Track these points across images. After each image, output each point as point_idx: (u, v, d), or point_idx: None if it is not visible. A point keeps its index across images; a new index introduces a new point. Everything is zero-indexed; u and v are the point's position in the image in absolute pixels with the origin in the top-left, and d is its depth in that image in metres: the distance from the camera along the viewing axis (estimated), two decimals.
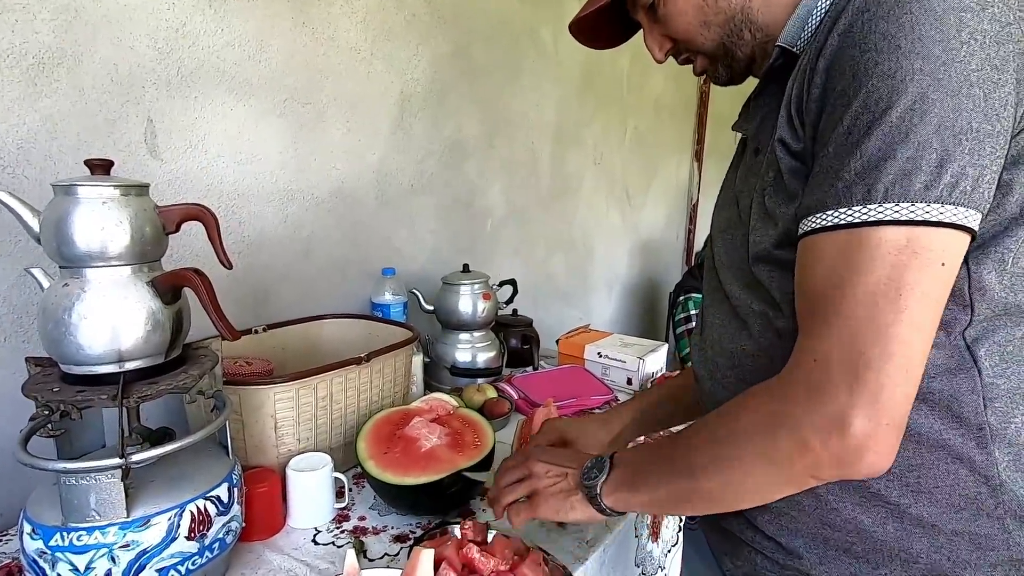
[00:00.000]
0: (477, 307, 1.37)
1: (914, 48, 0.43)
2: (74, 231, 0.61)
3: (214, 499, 0.69)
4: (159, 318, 0.65)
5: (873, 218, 0.44)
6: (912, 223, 0.43)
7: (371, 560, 0.79)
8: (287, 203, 1.22)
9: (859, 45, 0.45)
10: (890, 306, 0.43)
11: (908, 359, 0.43)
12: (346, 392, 0.98)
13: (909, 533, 0.52)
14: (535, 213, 1.97)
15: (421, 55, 1.45)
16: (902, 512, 0.52)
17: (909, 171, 0.43)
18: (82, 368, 0.63)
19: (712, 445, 0.53)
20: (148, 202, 0.67)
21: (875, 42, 0.44)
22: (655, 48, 0.65)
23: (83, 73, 0.90)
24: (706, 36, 0.60)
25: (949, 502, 0.51)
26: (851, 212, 0.45)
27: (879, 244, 0.43)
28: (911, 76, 0.43)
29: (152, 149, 1.00)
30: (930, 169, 0.43)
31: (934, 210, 0.43)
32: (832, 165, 0.46)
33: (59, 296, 0.62)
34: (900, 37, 0.43)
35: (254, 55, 1.12)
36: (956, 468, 0.51)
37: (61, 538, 0.61)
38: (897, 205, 0.43)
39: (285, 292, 1.25)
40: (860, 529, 0.54)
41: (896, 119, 0.43)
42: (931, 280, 0.43)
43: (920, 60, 0.43)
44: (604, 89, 2.19)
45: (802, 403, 0.46)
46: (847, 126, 0.45)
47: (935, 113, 0.42)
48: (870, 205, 0.44)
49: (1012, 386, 0.50)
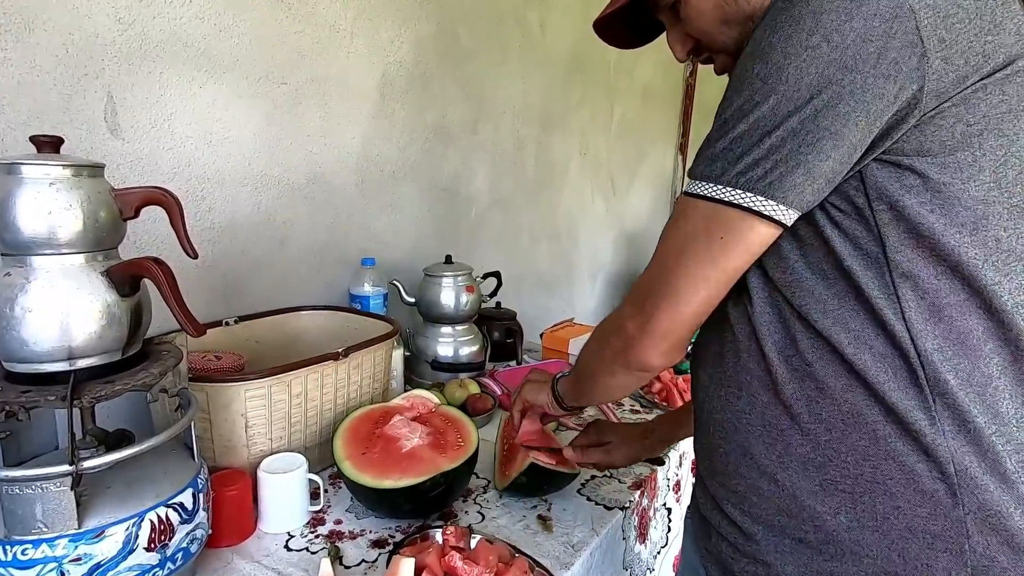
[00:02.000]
0: (460, 300, 1.33)
1: (757, 51, 0.50)
2: (17, 215, 0.56)
3: (177, 506, 0.64)
4: (115, 311, 0.60)
5: (688, 189, 0.55)
6: (716, 200, 0.52)
7: (347, 567, 0.75)
8: (261, 188, 1.16)
9: (753, 39, 0.51)
10: (677, 255, 0.55)
11: (676, 292, 0.55)
12: (322, 388, 0.94)
13: (861, 524, 0.52)
14: (520, 201, 1.92)
15: (404, 36, 1.39)
16: (855, 502, 0.52)
17: (718, 156, 0.52)
18: (28, 366, 0.58)
19: (586, 353, 0.71)
20: (103, 184, 0.62)
21: (756, 33, 0.50)
22: (677, 47, 0.66)
23: (34, 42, 0.83)
24: (726, 35, 0.60)
25: (904, 496, 0.50)
26: (687, 184, 0.56)
27: (693, 212, 0.54)
28: (751, 81, 0.50)
29: (113, 128, 0.93)
30: (732, 158, 0.50)
31: (722, 191, 0.51)
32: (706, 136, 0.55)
33: (1, 287, 0.56)
34: (772, 34, 0.49)
35: (226, 29, 1.05)
36: (911, 461, 0.50)
37: (4, 552, 0.55)
38: (713, 185, 0.52)
39: (259, 282, 1.19)
40: (814, 518, 0.54)
41: (730, 114, 0.51)
42: (711, 246, 0.53)
43: (759, 64, 0.49)
44: (592, 74, 2.14)
45: (627, 316, 0.60)
46: (720, 105, 0.53)
47: (754, 114, 0.50)
48: (694, 180, 0.54)
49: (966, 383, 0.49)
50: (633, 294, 0.60)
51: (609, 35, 0.72)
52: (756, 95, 0.49)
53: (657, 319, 0.56)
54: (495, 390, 1.26)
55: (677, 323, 0.56)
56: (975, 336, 0.50)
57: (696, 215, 0.53)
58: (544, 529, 0.85)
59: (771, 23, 0.49)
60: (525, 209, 1.96)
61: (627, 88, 2.38)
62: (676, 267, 0.55)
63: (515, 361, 1.48)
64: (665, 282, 0.55)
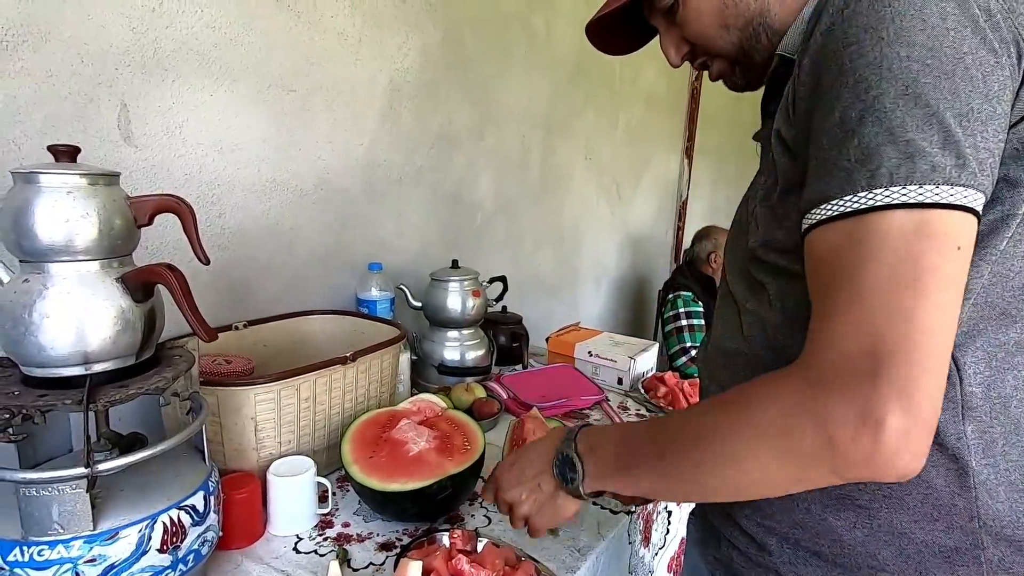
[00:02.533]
0: (466, 304, 1.34)
1: (898, 37, 0.42)
2: (35, 223, 0.57)
3: (188, 509, 0.65)
4: (129, 317, 0.61)
5: (880, 202, 0.42)
6: (922, 206, 0.41)
7: (355, 570, 0.76)
8: (270, 194, 1.17)
9: (842, 39, 0.45)
10: (908, 291, 0.40)
11: (936, 347, 0.41)
12: (330, 392, 0.95)
13: (877, 539, 0.51)
14: (524, 206, 1.93)
15: (411, 43, 1.41)
16: (872, 517, 0.51)
17: (912, 154, 0.41)
18: (45, 371, 0.59)
19: (718, 438, 0.48)
20: (118, 192, 0.63)
21: (856, 35, 0.44)
22: (671, 51, 0.64)
23: (51, 52, 0.85)
24: (725, 39, 0.59)
25: (921, 511, 0.50)
26: (856, 199, 0.43)
27: (889, 229, 0.41)
28: (898, 63, 0.42)
29: (126, 136, 0.95)
30: (934, 151, 0.41)
31: (944, 192, 0.41)
32: (828, 156, 0.45)
33: (19, 293, 0.57)
34: (882, 29, 0.43)
35: (236, 38, 1.06)
36: (931, 477, 0.49)
37: (21, 553, 0.56)
38: (904, 188, 0.41)
39: (267, 287, 1.20)
40: (829, 532, 0.53)
41: (890, 105, 0.42)
42: (950, 264, 0.41)
43: (906, 48, 0.42)
44: (596, 80, 2.15)
45: (829, 394, 0.42)
46: (839, 117, 0.44)
47: (930, 95, 0.41)
48: (875, 190, 0.42)
49: (994, 395, 0.48)
50: (842, 360, 0.42)
51: (601, 40, 0.71)
52: (920, 77, 0.41)
53: (921, 390, 0.40)
54: (501, 394, 1.27)
55: (942, 389, 0.41)
56: (1008, 347, 0.48)
57: (903, 231, 0.41)
58: (550, 533, 0.85)
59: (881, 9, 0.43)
60: (530, 214, 1.97)
61: (632, 93, 2.39)
62: (915, 304, 0.40)
63: (521, 365, 1.49)
64: (908, 327, 0.40)
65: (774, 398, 0.46)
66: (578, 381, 1.38)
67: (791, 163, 0.51)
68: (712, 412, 0.51)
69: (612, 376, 1.43)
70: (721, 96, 2.93)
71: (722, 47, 0.61)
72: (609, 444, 0.60)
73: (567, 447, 0.62)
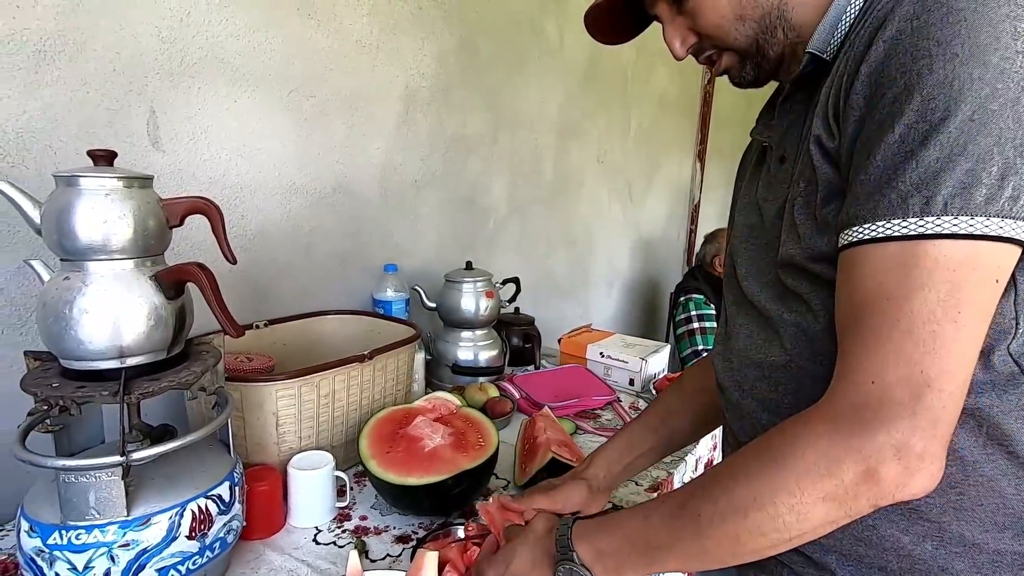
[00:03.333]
0: (480, 305, 1.36)
1: (972, 56, 0.41)
2: (76, 223, 0.60)
3: (215, 498, 0.68)
4: (162, 313, 0.64)
5: (931, 231, 0.42)
6: (973, 237, 0.41)
7: (373, 561, 0.78)
8: (290, 197, 1.21)
9: (910, 52, 0.43)
10: (950, 324, 0.41)
11: (965, 378, 0.43)
12: (348, 390, 0.97)
13: (949, 552, 0.50)
14: (538, 209, 1.96)
15: (427, 49, 1.44)
16: (942, 530, 0.50)
17: (969, 184, 0.41)
18: (82, 363, 0.62)
19: (751, 493, 0.46)
20: (152, 195, 0.66)
21: (928, 48, 0.42)
22: (676, 43, 0.61)
23: (85, 61, 0.89)
24: (740, 31, 0.57)
25: (993, 521, 0.49)
26: (907, 224, 0.43)
27: (937, 259, 0.42)
28: (969, 85, 0.41)
29: (155, 140, 0.98)
30: (991, 182, 0.41)
31: (994, 224, 0.41)
32: (882, 175, 0.44)
33: (60, 290, 0.61)
34: (956, 44, 0.42)
35: (258, 46, 1.10)
36: (1001, 487, 0.49)
37: (60, 536, 0.60)
38: (956, 218, 0.41)
39: (286, 287, 1.23)
40: (897, 547, 0.51)
41: (955, 130, 0.41)
42: (987, 297, 0.42)
43: (979, 68, 0.41)
44: (608, 83, 2.17)
45: (864, 430, 0.43)
46: (899, 135, 0.43)
47: (995, 124, 0.41)
48: (928, 217, 0.42)
49: None
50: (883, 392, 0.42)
51: (598, 28, 0.67)
52: (988, 103, 0.41)
53: (948, 416, 0.42)
54: (514, 394, 1.29)
55: (959, 414, 0.43)
56: None
57: (950, 261, 0.41)
58: None
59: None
60: (543, 217, 1.99)
61: (644, 96, 2.40)
62: (956, 335, 0.41)
63: (533, 366, 1.51)
64: (948, 359, 0.41)
65: (811, 442, 0.45)
66: (590, 382, 1.40)
67: (834, 172, 0.50)
68: (746, 467, 0.48)
69: (624, 377, 1.45)
70: (734, 97, 2.93)
71: (735, 40, 0.57)
72: (617, 540, 0.54)
73: (566, 561, 0.55)
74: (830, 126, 0.49)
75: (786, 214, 0.55)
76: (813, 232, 0.51)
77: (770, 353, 0.57)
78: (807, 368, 0.54)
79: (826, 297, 0.51)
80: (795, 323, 0.55)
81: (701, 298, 2.21)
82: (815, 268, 0.52)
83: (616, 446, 0.81)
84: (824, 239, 0.50)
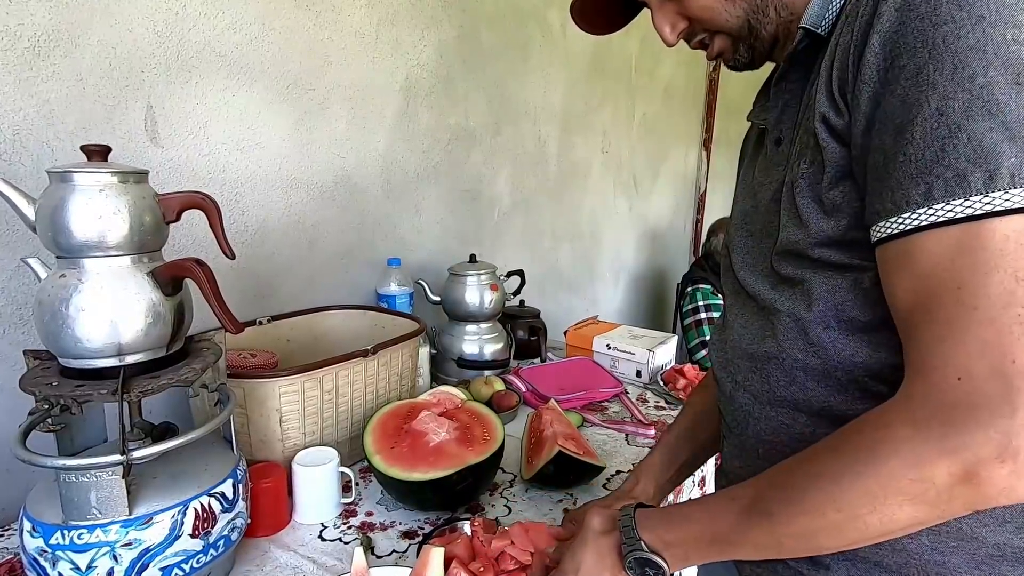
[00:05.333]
0: (484, 298, 1.35)
1: (1000, 16, 0.38)
2: (71, 220, 0.59)
3: (218, 496, 0.67)
4: (160, 310, 0.63)
5: (1000, 207, 0.38)
6: None
7: (379, 557, 0.78)
8: (291, 192, 1.20)
9: (929, 18, 0.40)
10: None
11: None
12: (352, 385, 0.96)
13: (946, 546, 0.49)
14: (542, 201, 1.94)
15: (427, 39, 1.42)
16: (939, 523, 0.49)
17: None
18: (81, 362, 0.61)
19: (831, 506, 0.43)
20: (148, 190, 0.65)
21: (951, 13, 0.40)
22: (667, 29, 0.59)
23: (80, 57, 0.88)
24: (731, 13, 0.55)
25: (992, 514, 0.48)
26: (970, 203, 0.39)
27: (1008, 235, 0.38)
28: (1004, 48, 0.38)
29: (152, 135, 0.97)
30: None
31: None
32: (927, 154, 0.40)
33: (56, 287, 0.60)
34: (980, 6, 0.39)
35: (256, 39, 1.08)
36: None
37: (62, 536, 0.59)
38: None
39: (289, 282, 1.23)
40: (892, 541, 0.50)
41: (1002, 96, 0.38)
42: None
43: (1012, 29, 0.38)
44: (613, 74, 2.15)
45: (959, 428, 0.39)
46: (936, 108, 0.40)
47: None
48: (993, 192, 0.38)
49: None
50: (971, 386, 0.39)
51: (585, 19, 0.66)
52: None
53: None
54: (520, 387, 1.28)
55: None
56: None
57: (1021, 236, 0.38)
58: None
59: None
60: (548, 209, 1.97)
61: (648, 86, 2.37)
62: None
63: (539, 359, 1.50)
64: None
65: (895, 448, 0.41)
66: (596, 374, 1.38)
67: (843, 151, 0.47)
68: (822, 467, 0.45)
69: (631, 369, 1.43)
70: (741, 85, 2.89)
71: (726, 22, 0.56)
72: (683, 533, 0.53)
73: (635, 551, 0.54)
74: (836, 102, 0.47)
75: (784, 197, 0.53)
76: (818, 215, 0.49)
77: (763, 344, 0.56)
78: (799, 359, 0.52)
79: (825, 284, 0.49)
80: (788, 312, 0.53)
81: (708, 288, 2.19)
82: (818, 253, 0.50)
83: (659, 459, 0.80)
84: (832, 222, 0.48)
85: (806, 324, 0.51)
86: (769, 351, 0.55)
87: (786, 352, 0.54)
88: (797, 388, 0.53)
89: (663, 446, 0.81)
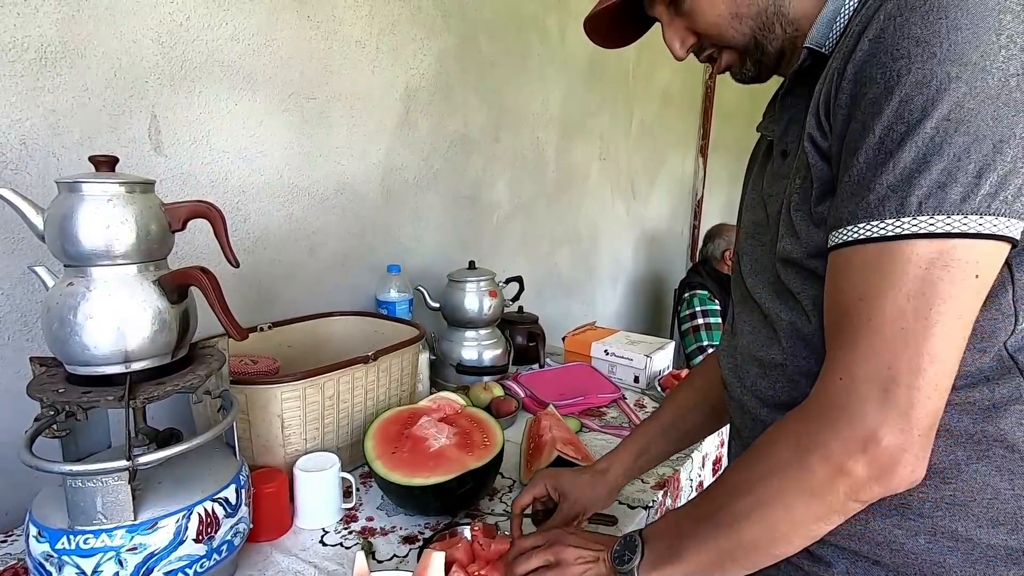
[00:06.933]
0: (483, 304, 1.36)
1: (950, 54, 0.41)
2: (79, 229, 0.60)
3: (222, 501, 0.68)
4: (166, 318, 0.64)
5: (906, 231, 0.43)
6: (947, 235, 0.42)
7: (380, 562, 0.78)
8: (292, 200, 1.21)
9: (890, 52, 0.43)
10: (920, 321, 0.42)
11: (938, 373, 0.43)
12: (353, 391, 0.97)
13: (941, 546, 0.51)
14: (541, 207, 1.95)
15: (427, 48, 1.43)
16: (935, 525, 0.51)
17: (944, 183, 0.42)
18: (88, 369, 0.62)
19: (747, 489, 0.50)
20: (154, 199, 0.66)
21: (908, 49, 0.43)
22: (676, 44, 0.61)
23: (86, 68, 0.89)
24: (737, 29, 0.57)
25: (987, 516, 0.49)
26: (883, 225, 0.44)
27: (909, 258, 0.43)
28: (946, 85, 0.41)
29: (156, 145, 0.99)
30: (967, 180, 0.41)
31: (971, 221, 0.42)
32: (863, 177, 0.45)
33: (64, 295, 0.61)
34: (935, 43, 0.42)
35: (258, 49, 1.10)
36: (995, 482, 0.49)
37: (68, 541, 0.60)
38: (932, 218, 0.42)
39: (290, 289, 1.24)
40: (890, 541, 0.52)
41: (931, 130, 0.42)
42: (964, 292, 0.42)
43: (956, 67, 0.41)
44: (611, 80, 2.17)
45: (831, 425, 0.45)
46: (879, 137, 0.44)
47: (973, 122, 0.41)
48: (903, 218, 0.43)
49: None
50: (849, 389, 0.44)
51: (598, 33, 0.68)
52: (966, 102, 0.41)
53: (922, 410, 0.43)
54: (519, 393, 1.29)
55: (940, 410, 0.44)
56: None
57: (922, 260, 0.42)
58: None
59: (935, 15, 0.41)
60: (546, 214, 1.99)
61: (646, 92, 2.39)
62: (925, 332, 0.42)
63: (538, 364, 1.51)
64: (916, 355, 0.42)
65: (788, 437, 0.49)
66: (595, 379, 1.39)
67: (828, 169, 0.50)
68: (742, 465, 0.53)
69: (629, 374, 1.44)
70: (737, 91, 2.92)
71: (733, 38, 0.58)
72: (669, 523, 0.59)
73: (632, 535, 0.60)
74: (822, 123, 0.50)
75: (783, 210, 0.55)
76: (810, 228, 0.52)
77: (770, 351, 0.58)
78: (803, 367, 0.54)
79: (816, 295, 0.52)
80: (791, 322, 0.55)
81: (705, 294, 2.20)
82: (812, 264, 0.52)
83: (632, 450, 0.82)
84: (820, 235, 0.51)
85: (806, 334, 0.53)
86: (775, 358, 0.57)
87: (791, 360, 0.55)
88: (801, 394, 0.53)
89: (640, 435, 0.84)
